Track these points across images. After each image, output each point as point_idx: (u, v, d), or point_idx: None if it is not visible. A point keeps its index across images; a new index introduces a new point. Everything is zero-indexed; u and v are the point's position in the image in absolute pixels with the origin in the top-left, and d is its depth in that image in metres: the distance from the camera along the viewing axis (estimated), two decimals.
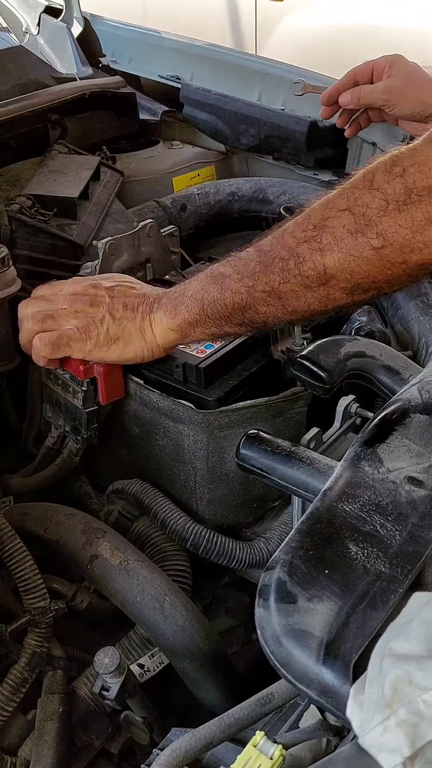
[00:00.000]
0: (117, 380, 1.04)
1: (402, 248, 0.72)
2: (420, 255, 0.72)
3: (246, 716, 0.66)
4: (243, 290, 0.85)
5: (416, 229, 0.71)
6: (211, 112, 1.76)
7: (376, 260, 0.74)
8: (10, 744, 0.91)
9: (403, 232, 0.71)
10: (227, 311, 0.87)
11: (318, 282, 0.78)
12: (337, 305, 0.81)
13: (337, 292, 0.78)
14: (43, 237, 1.30)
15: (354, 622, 0.58)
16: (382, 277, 0.75)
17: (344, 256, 0.75)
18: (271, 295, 0.83)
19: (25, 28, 1.99)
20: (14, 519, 1.01)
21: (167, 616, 0.92)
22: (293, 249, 0.80)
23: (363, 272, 0.75)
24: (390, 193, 0.72)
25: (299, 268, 0.79)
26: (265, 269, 0.83)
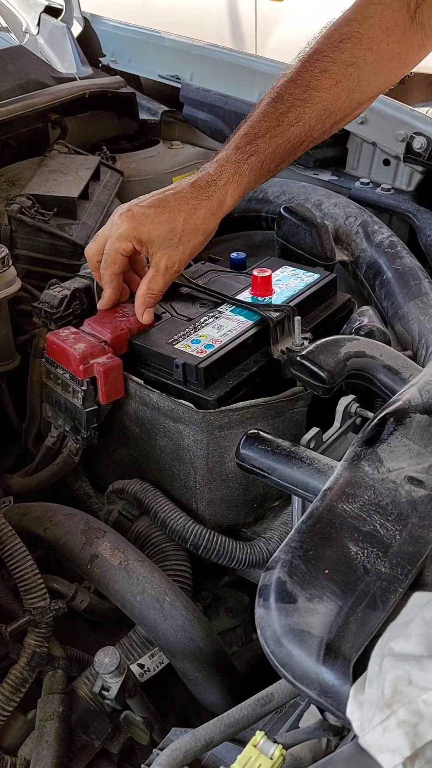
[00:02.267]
0: (117, 380, 1.04)
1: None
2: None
3: (246, 716, 0.66)
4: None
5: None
6: (211, 112, 1.76)
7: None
8: (10, 744, 0.91)
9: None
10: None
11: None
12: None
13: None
14: (43, 237, 1.30)
15: (354, 622, 0.57)
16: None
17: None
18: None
19: (25, 28, 1.99)
20: (14, 519, 1.01)
21: (167, 616, 0.92)
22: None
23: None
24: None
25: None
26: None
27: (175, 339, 1.05)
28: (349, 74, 1.02)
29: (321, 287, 1.17)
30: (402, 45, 1.04)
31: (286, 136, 1.01)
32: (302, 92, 1.02)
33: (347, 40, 1.02)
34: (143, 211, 1.00)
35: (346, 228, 1.41)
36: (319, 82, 1.02)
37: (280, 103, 1.01)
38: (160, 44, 1.98)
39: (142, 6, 4.07)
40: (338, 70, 1.02)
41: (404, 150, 1.51)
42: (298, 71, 1.03)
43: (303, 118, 1.01)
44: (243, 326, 1.07)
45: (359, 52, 1.02)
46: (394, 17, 1.03)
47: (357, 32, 1.02)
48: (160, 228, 0.99)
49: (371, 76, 1.03)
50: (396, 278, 1.29)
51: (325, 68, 1.02)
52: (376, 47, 1.02)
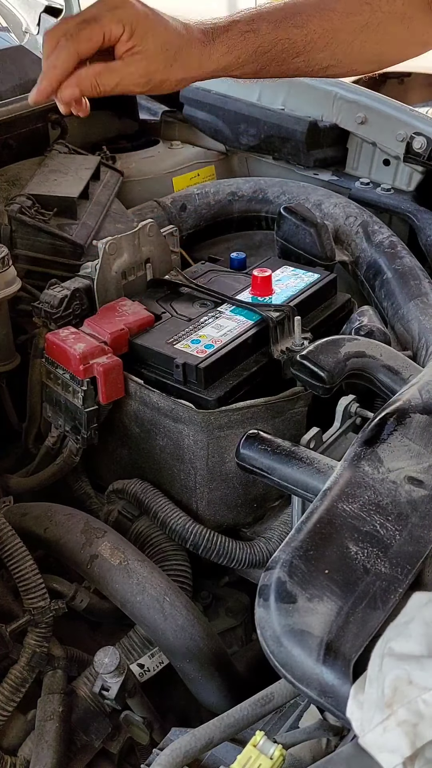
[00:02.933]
0: (117, 380, 1.04)
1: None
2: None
3: (246, 716, 0.66)
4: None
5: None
6: (211, 112, 1.76)
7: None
8: (10, 744, 0.91)
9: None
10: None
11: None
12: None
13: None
14: (43, 237, 1.30)
15: (354, 622, 0.57)
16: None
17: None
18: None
19: (25, 27, 1.99)
20: (14, 519, 1.01)
21: (167, 616, 0.92)
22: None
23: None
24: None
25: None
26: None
27: (175, 339, 1.05)
28: (362, 11, 1.01)
29: (321, 287, 1.17)
30: (415, 14, 1.04)
31: (286, 33, 0.99)
32: (316, 3, 1.01)
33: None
34: (150, 10, 0.92)
35: (346, 228, 1.41)
36: (334, 5, 1.01)
37: (291, 5, 1.01)
38: None
39: None
40: (353, 2, 1.02)
41: (404, 150, 1.51)
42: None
43: (308, 26, 0.99)
44: (243, 326, 1.07)
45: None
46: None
47: None
48: (158, 35, 0.91)
49: (380, 25, 1.03)
50: (396, 278, 1.29)
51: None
52: (394, 1, 1.02)
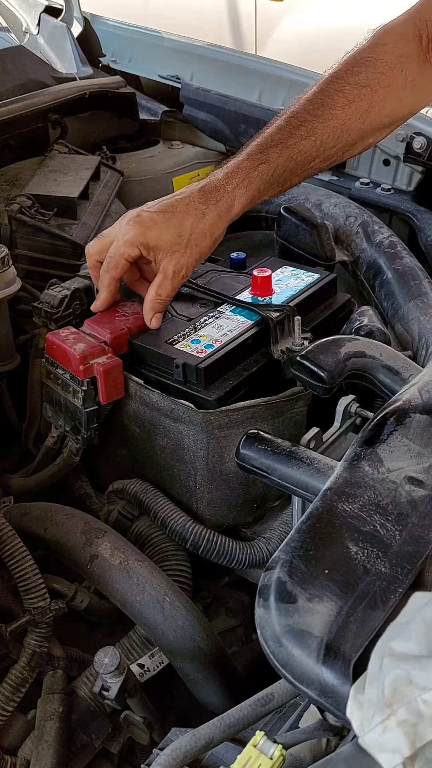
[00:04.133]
0: (117, 380, 1.04)
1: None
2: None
3: (246, 716, 0.66)
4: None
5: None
6: (211, 112, 1.76)
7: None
8: (10, 744, 0.91)
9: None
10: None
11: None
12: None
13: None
14: (43, 237, 1.30)
15: (354, 622, 0.57)
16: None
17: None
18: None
19: (25, 28, 1.99)
20: (14, 519, 1.01)
21: (167, 616, 0.92)
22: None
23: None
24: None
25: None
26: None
27: (175, 339, 1.05)
28: (362, 95, 1.05)
29: (321, 287, 1.17)
30: (417, 74, 1.08)
31: (297, 148, 1.03)
32: (316, 108, 1.04)
33: (362, 64, 1.06)
34: (151, 217, 1.00)
35: (346, 228, 1.41)
36: (334, 100, 1.05)
37: (294, 118, 1.04)
38: (160, 44, 1.98)
39: (142, 6, 4.07)
40: (352, 91, 1.05)
41: (404, 150, 1.51)
42: (315, 92, 1.06)
43: (315, 133, 1.03)
44: (243, 326, 1.07)
45: (373, 75, 1.06)
46: (407, 46, 1.07)
47: (371, 57, 1.07)
48: (167, 233, 0.99)
49: (384, 99, 1.06)
50: (396, 278, 1.29)
51: (339, 88, 1.05)
52: (390, 72, 1.06)
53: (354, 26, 1.20)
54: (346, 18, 3.50)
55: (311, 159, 1.05)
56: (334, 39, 3.39)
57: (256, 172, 1.01)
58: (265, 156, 1.02)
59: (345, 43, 1.13)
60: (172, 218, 1.00)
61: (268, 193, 1.05)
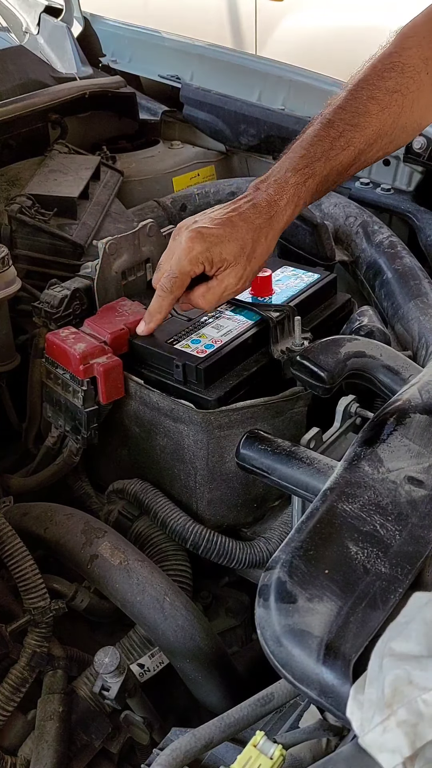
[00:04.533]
0: (117, 380, 1.04)
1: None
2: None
3: (246, 716, 0.66)
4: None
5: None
6: (211, 112, 1.76)
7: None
8: (10, 744, 0.91)
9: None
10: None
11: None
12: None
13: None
14: (43, 237, 1.30)
15: (354, 622, 0.57)
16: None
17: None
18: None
19: (25, 28, 1.99)
20: (14, 519, 1.01)
21: (167, 616, 0.92)
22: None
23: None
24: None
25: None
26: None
27: (175, 339, 1.05)
28: (394, 101, 1.07)
29: (321, 287, 1.17)
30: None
31: (338, 159, 1.05)
32: (352, 118, 1.06)
33: (390, 69, 1.08)
34: (214, 232, 0.99)
35: (346, 228, 1.41)
36: (368, 108, 1.07)
37: (332, 128, 1.06)
38: (160, 44, 1.98)
39: (142, 6, 4.07)
40: (384, 97, 1.07)
41: (404, 150, 1.51)
42: (347, 99, 1.08)
43: (353, 143, 1.05)
44: (243, 326, 1.07)
45: (402, 80, 1.07)
46: (430, 48, 1.09)
47: (399, 62, 1.08)
48: (231, 248, 0.99)
49: (414, 102, 1.08)
50: (396, 278, 1.29)
51: (372, 95, 1.07)
52: (417, 76, 1.08)
53: (354, 26, 1.21)
54: (346, 18, 3.50)
55: (349, 167, 1.07)
56: (334, 39, 3.40)
57: (305, 187, 1.03)
58: (311, 170, 1.04)
59: (345, 43, 1.14)
60: (234, 233, 1.00)
61: (310, 202, 1.07)
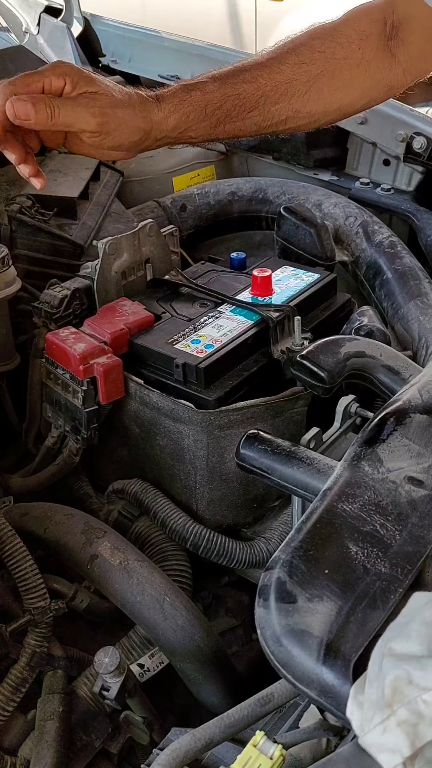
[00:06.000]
0: (117, 380, 1.04)
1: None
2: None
3: (246, 716, 0.66)
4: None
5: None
6: None
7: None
8: (10, 744, 0.91)
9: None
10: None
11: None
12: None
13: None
14: (43, 237, 1.30)
15: (354, 622, 0.57)
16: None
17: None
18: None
19: (25, 28, 1.99)
20: (14, 519, 1.01)
21: (167, 616, 0.92)
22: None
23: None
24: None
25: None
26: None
27: (175, 339, 1.05)
28: (315, 59, 1.01)
29: (321, 287, 1.17)
30: (373, 57, 1.04)
31: (237, 89, 0.98)
32: (265, 61, 1.01)
33: (321, 33, 1.04)
34: (97, 76, 0.93)
35: (346, 228, 1.41)
36: (285, 57, 1.01)
37: (241, 63, 1.01)
38: (160, 44, 1.98)
39: (141, 6, 4.07)
40: (306, 52, 1.01)
41: (404, 150, 1.51)
42: (270, 50, 1.03)
43: (258, 80, 0.99)
44: (243, 326, 1.07)
45: (330, 44, 1.02)
46: (369, 26, 1.05)
47: (332, 28, 1.04)
48: (104, 88, 0.91)
49: (335, 71, 1.02)
50: (396, 278, 1.29)
51: (294, 48, 1.02)
52: (348, 45, 1.03)
53: None
54: None
55: (250, 108, 0.99)
56: None
57: (188, 96, 0.96)
58: (200, 85, 0.97)
59: None
60: (112, 85, 0.93)
61: (196, 127, 0.98)
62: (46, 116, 0.87)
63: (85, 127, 0.90)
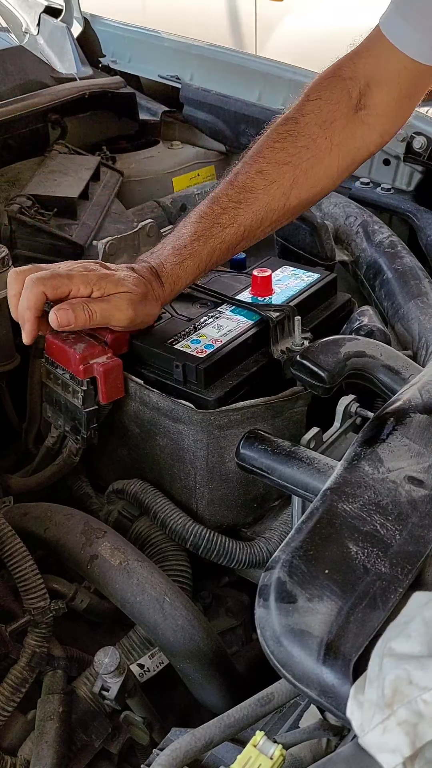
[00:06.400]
0: (117, 380, 1.04)
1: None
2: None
3: (246, 716, 0.66)
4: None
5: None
6: (211, 112, 1.77)
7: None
8: (10, 744, 0.91)
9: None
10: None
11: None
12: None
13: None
14: (43, 237, 1.30)
15: (354, 621, 0.57)
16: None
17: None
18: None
19: (25, 28, 2.00)
20: (14, 519, 1.01)
21: (167, 616, 0.92)
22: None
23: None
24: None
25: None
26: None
27: (175, 339, 1.05)
28: (283, 173, 1.04)
29: (321, 287, 1.17)
30: (343, 136, 1.06)
31: (220, 237, 1.03)
32: (237, 194, 1.03)
33: (283, 139, 1.05)
34: (118, 272, 1.02)
35: (346, 228, 1.41)
36: (254, 183, 1.04)
37: (216, 204, 1.04)
38: (160, 44, 1.98)
39: (141, 6, 4.07)
40: (272, 170, 1.03)
41: (404, 150, 1.51)
42: (237, 172, 1.05)
43: (237, 219, 1.03)
44: (243, 326, 1.07)
45: (294, 150, 1.04)
46: (332, 111, 1.05)
47: (293, 131, 1.05)
48: (125, 288, 0.99)
49: (308, 172, 1.05)
50: (396, 278, 1.29)
51: (260, 169, 1.04)
52: (313, 143, 1.04)
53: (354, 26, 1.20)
54: (346, 18, 3.50)
55: (236, 244, 1.05)
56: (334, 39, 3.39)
57: (180, 268, 1.03)
58: (189, 251, 1.03)
59: (345, 44, 1.13)
60: (131, 278, 1.01)
61: (197, 279, 1.08)
62: (84, 320, 0.97)
63: (117, 324, 1.00)
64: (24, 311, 0.98)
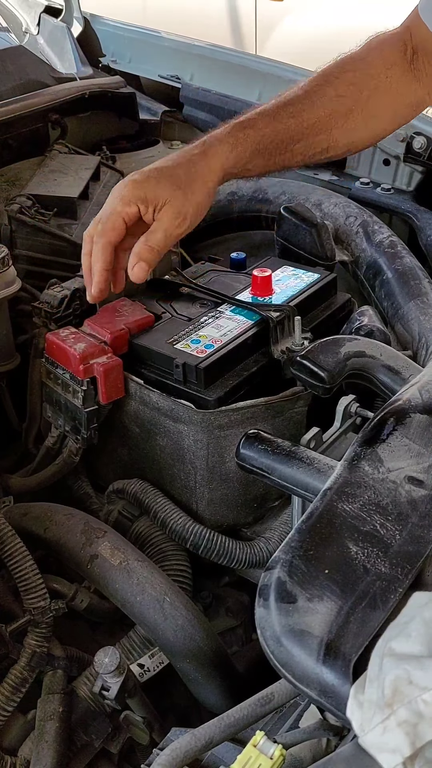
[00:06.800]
0: (117, 380, 1.04)
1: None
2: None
3: (246, 716, 0.66)
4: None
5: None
6: (211, 112, 1.76)
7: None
8: (10, 744, 0.91)
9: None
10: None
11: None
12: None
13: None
14: (43, 237, 1.30)
15: (354, 621, 0.57)
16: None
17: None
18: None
19: (25, 28, 2.00)
20: (14, 519, 1.01)
21: (167, 616, 0.92)
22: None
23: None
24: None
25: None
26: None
27: (175, 339, 1.05)
28: (350, 92, 1.08)
29: (321, 287, 1.17)
30: (400, 83, 1.11)
31: (283, 123, 1.04)
32: (305, 95, 1.07)
33: (351, 66, 1.10)
34: (144, 173, 1.00)
35: (346, 228, 1.41)
36: (324, 90, 1.08)
37: (283, 98, 1.07)
38: (160, 44, 1.98)
39: (141, 6, 4.07)
40: (341, 85, 1.08)
41: (404, 150, 1.51)
42: (307, 82, 1.09)
43: (303, 115, 1.05)
44: (243, 326, 1.07)
45: (361, 76, 1.09)
46: (393, 54, 1.11)
47: (361, 60, 1.10)
48: (164, 183, 0.98)
49: (368, 100, 1.09)
50: (396, 278, 1.29)
51: (330, 81, 1.08)
52: (377, 75, 1.09)
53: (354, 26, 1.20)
54: (346, 18, 3.50)
55: (296, 140, 1.05)
56: (334, 39, 3.39)
57: (243, 134, 1.02)
58: (252, 122, 1.03)
59: (345, 44, 1.13)
60: (164, 170, 0.99)
61: (253, 162, 1.04)
62: (155, 257, 0.97)
63: (178, 235, 1.00)
64: (95, 265, 0.98)
